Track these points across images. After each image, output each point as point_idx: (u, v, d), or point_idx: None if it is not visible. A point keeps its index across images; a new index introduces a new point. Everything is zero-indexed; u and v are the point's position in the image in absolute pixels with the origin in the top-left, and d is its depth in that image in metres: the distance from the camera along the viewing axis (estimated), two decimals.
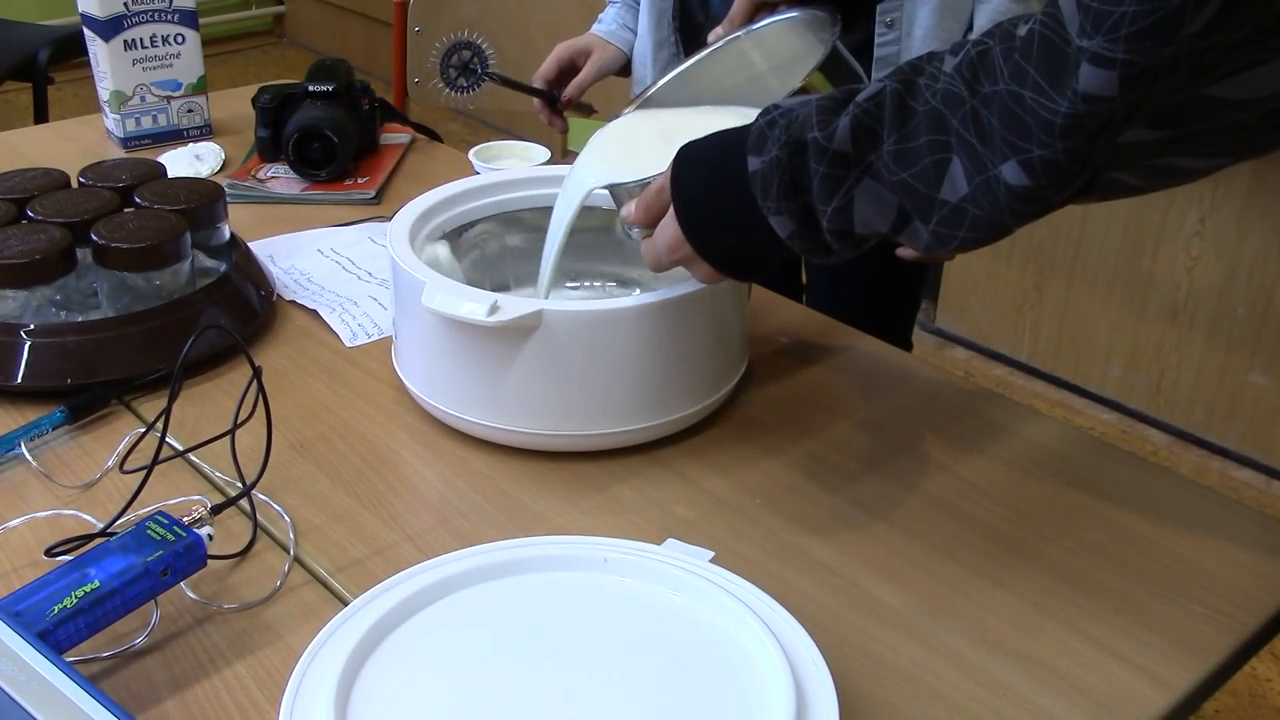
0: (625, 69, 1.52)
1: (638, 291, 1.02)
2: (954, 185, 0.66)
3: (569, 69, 1.51)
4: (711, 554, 0.74)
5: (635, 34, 1.50)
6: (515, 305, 0.81)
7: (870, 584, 0.76)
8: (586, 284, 1.05)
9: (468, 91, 1.38)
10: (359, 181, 1.34)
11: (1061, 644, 0.72)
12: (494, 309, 0.80)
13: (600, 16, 1.56)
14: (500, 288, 1.00)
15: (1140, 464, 0.90)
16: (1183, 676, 0.70)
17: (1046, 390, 2.54)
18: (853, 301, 1.47)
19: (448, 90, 1.33)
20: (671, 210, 0.78)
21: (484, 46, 1.40)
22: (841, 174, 0.70)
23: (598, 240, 1.03)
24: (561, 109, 1.52)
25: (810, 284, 1.53)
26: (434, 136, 1.51)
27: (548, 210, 1.02)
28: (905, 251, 1.01)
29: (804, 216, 0.73)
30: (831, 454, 0.89)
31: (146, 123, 1.43)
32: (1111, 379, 2.45)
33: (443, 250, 0.97)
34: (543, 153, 1.32)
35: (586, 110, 1.55)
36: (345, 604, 0.72)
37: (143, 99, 1.42)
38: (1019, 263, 2.54)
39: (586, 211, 0.90)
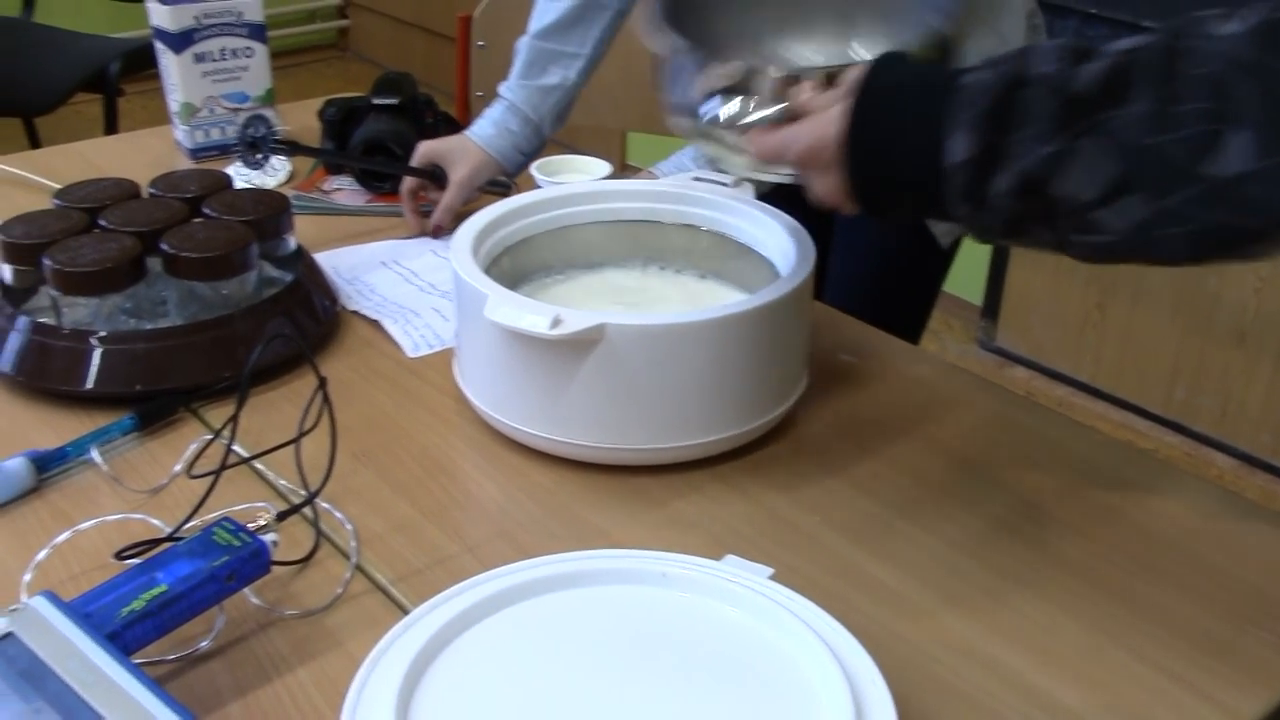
0: (498, 180, 1.32)
1: (717, 287, 1.02)
2: (1226, 160, 0.59)
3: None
4: (771, 571, 0.74)
5: (520, 141, 1.30)
6: (577, 319, 0.81)
7: (931, 604, 0.76)
8: (660, 267, 1.05)
9: (264, 164, 1.26)
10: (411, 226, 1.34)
11: (1127, 669, 0.71)
12: (556, 322, 0.81)
13: (483, 113, 1.33)
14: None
15: (1207, 488, 0.88)
16: (1252, 705, 0.68)
17: (1109, 411, 2.51)
18: (867, 298, 1.41)
19: (248, 169, 1.25)
20: (837, 102, 0.73)
21: (270, 118, 1.32)
22: (1070, 120, 0.63)
23: (687, 234, 1.04)
24: (434, 232, 1.27)
25: (829, 279, 1.51)
26: None
27: (607, 225, 1.03)
28: None
29: (988, 153, 0.66)
30: (892, 473, 0.89)
31: (215, 134, 1.45)
32: (1176, 401, 2.41)
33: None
34: (604, 167, 1.32)
35: (503, 187, 1.34)
36: (406, 613, 0.72)
37: (211, 111, 1.44)
38: (1081, 282, 2.51)
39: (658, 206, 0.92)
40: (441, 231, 1.26)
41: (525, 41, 1.32)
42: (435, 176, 1.27)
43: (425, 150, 1.27)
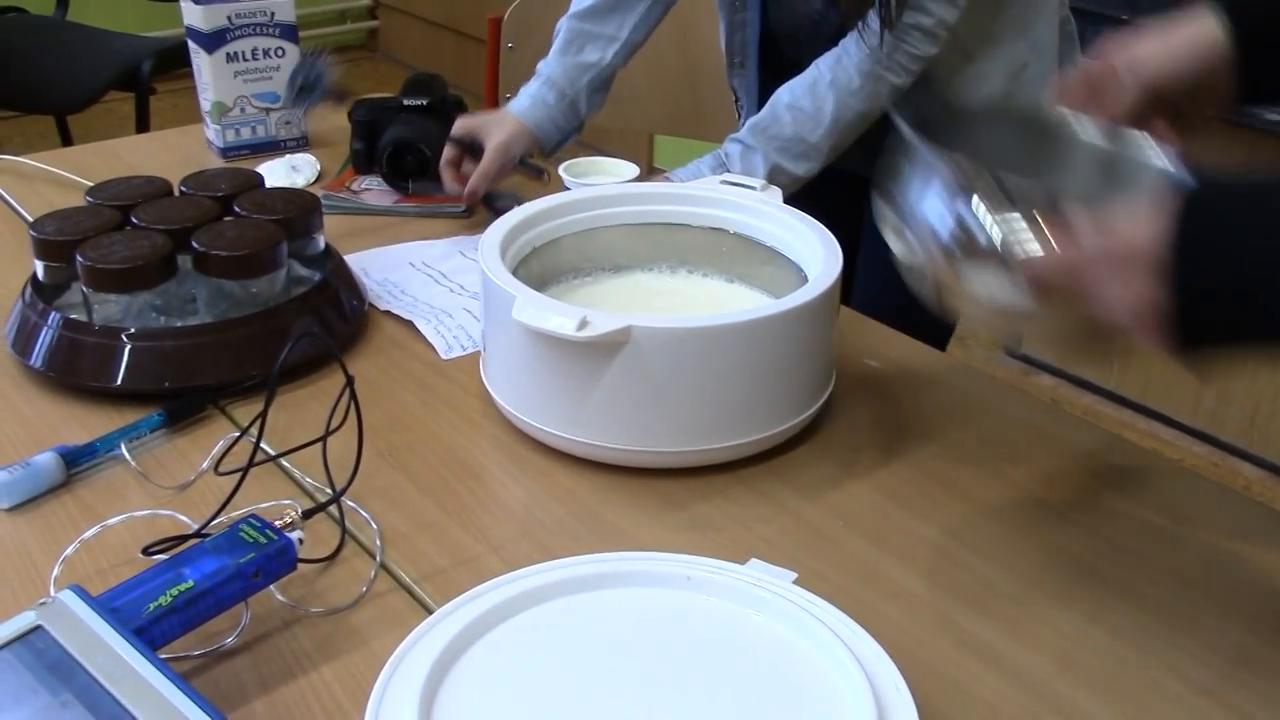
0: (531, 153, 1.34)
1: (744, 291, 1.02)
2: None
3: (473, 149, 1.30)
4: (795, 575, 0.74)
5: (556, 115, 1.34)
6: (604, 321, 0.81)
7: (955, 611, 0.75)
8: (687, 270, 1.05)
9: (312, 106, 1.30)
10: (451, 195, 1.35)
11: (1154, 681, 0.70)
12: (583, 323, 0.81)
13: (520, 89, 1.37)
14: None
15: (1235, 497, 0.88)
16: None
17: (1135, 420, 2.49)
18: (894, 303, 1.43)
19: (301, 110, 1.27)
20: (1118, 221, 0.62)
21: (323, 65, 1.35)
22: None
23: (715, 237, 1.04)
24: (471, 206, 1.31)
25: (855, 283, 1.50)
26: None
27: (635, 228, 1.03)
28: None
29: None
30: (917, 478, 0.88)
31: (245, 133, 1.46)
32: (1204, 411, 2.40)
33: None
34: (631, 169, 1.32)
35: (536, 171, 1.37)
36: (430, 612, 0.72)
37: (242, 110, 1.45)
38: None
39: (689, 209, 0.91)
40: (475, 197, 1.28)
41: (564, 21, 1.36)
42: (472, 149, 1.28)
43: (462, 124, 1.30)
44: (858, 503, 0.86)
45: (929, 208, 0.69)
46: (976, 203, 0.66)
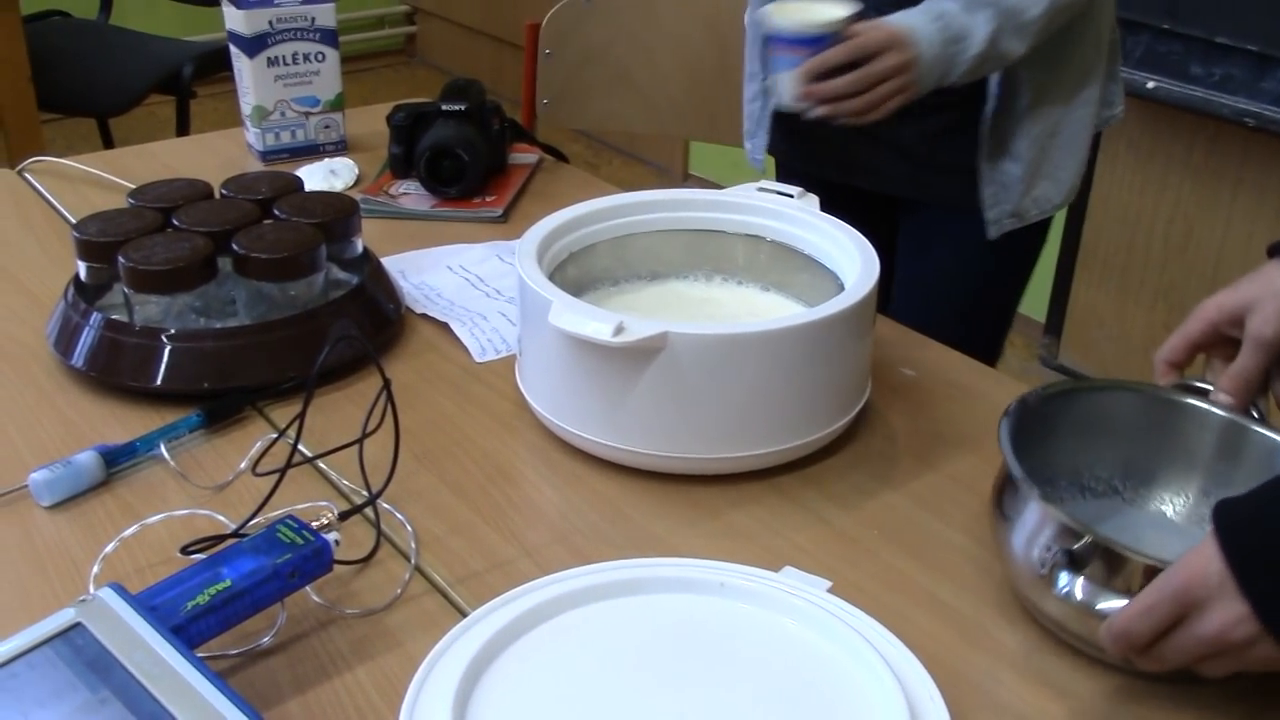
0: None
1: (780, 298, 1.02)
2: None
3: None
4: (829, 584, 0.74)
5: None
6: (640, 327, 0.81)
7: (990, 622, 0.75)
8: (723, 278, 1.05)
9: None
10: (487, 200, 1.36)
11: (1193, 699, 0.69)
12: (619, 329, 0.81)
13: None
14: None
15: None
16: None
17: None
18: (943, 320, 1.35)
19: None
20: (1239, 592, 0.62)
21: None
22: None
23: (751, 244, 1.04)
24: None
25: (899, 299, 1.50)
26: (561, 157, 1.53)
27: (672, 234, 1.03)
28: None
29: None
30: (952, 488, 0.88)
31: (285, 137, 1.47)
32: None
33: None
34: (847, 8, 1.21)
35: None
36: (464, 615, 0.73)
37: (283, 114, 1.46)
38: (1148, 300, 2.48)
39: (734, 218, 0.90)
40: None
41: None
42: None
43: None
44: (892, 512, 0.85)
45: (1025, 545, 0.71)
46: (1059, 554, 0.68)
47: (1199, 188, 2.33)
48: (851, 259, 0.93)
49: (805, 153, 1.47)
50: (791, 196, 1.02)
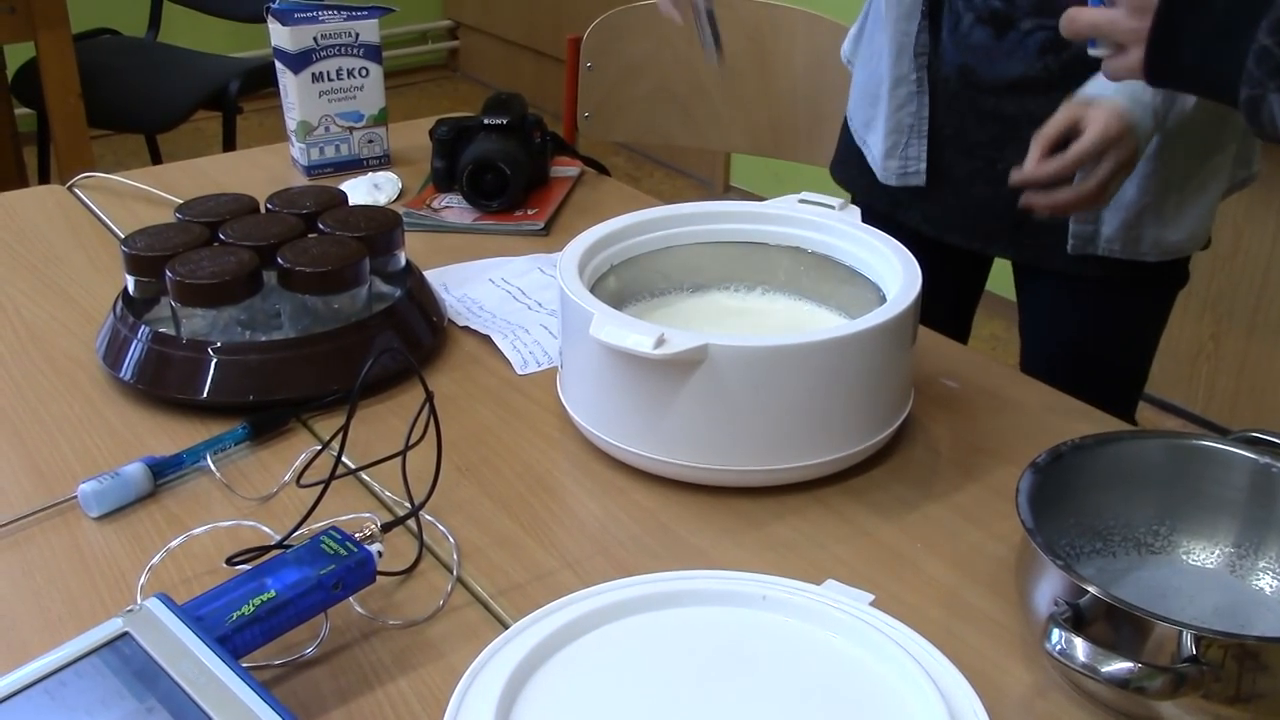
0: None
1: (822, 310, 1.02)
2: None
3: None
4: (872, 597, 0.73)
5: None
6: (681, 339, 0.81)
7: (1037, 637, 0.74)
8: (765, 290, 1.05)
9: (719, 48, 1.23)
10: (529, 213, 1.36)
11: None
12: (660, 341, 0.81)
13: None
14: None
15: None
16: None
17: None
18: (1067, 375, 1.21)
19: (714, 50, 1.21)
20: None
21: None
22: None
23: (793, 256, 1.04)
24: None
25: (1025, 350, 1.39)
26: (602, 170, 1.53)
27: (713, 246, 1.03)
28: None
29: None
30: (996, 500, 0.87)
31: (329, 152, 1.49)
32: None
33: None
34: None
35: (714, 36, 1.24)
36: (506, 627, 0.73)
37: (327, 129, 1.48)
38: (1195, 311, 2.45)
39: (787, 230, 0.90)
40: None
41: None
42: None
43: None
44: (935, 524, 0.85)
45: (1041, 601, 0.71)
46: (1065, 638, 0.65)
47: (1246, 196, 2.30)
48: (893, 270, 0.92)
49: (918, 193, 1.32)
50: (833, 208, 1.02)
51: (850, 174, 1.41)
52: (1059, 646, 0.64)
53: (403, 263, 1.11)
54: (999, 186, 1.13)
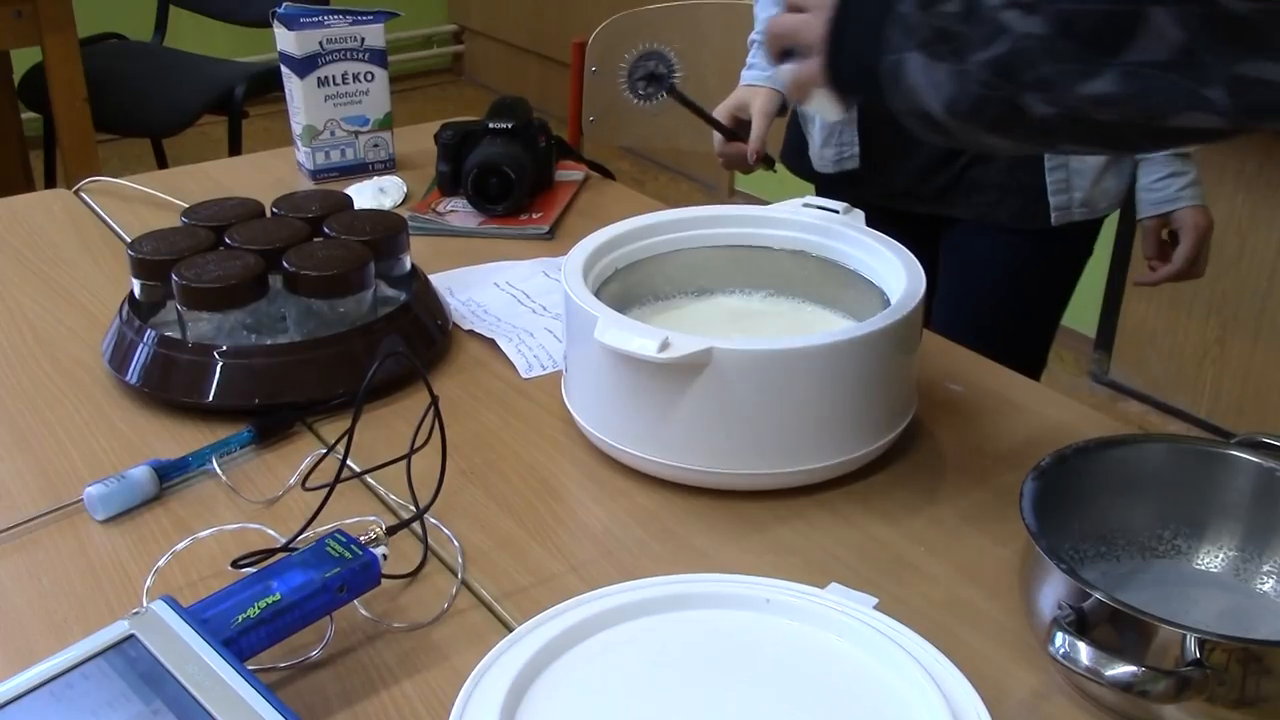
0: (783, 110, 1.50)
1: (826, 314, 1.02)
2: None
3: (737, 126, 1.49)
4: (875, 600, 0.73)
5: None
6: (685, 342, 0.82)
7: (1041, 641, 0.74)
8: (769, 293, 1.05)
9: (651, 100, 1.32)
10: (534, 217, 1.37)
11: None
12: (665, 345, 0.81)
13: (749, 62, 1.52)
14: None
15: None
16: None
17: None
18: (985, 317, 1.48)
19: (631, 97, 1.28)
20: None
21: (672, 59, 1.35)
22: None
23: (797, 260, 1.04)
24: (752, 167, 1.49)
25: (941, 295, 1.51)
26: (607, 174, 1.53)
27: (717, 250, 1.03)
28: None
29: None
30: (999, 504, 0.87)
31: (335, 156, 1.49)
32: None
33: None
34: None
35: (769, 164, 1.51)
36: (510, 630, 0.73)
37: (332, 134, 1.48)
38: (1200, 315, 2.45)
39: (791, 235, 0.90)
40: (759, 156, 1.44)
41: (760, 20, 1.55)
42: (734, 135, 1.46)
43: (723, 109, 1.47)
44: (939, 528, 0.85)
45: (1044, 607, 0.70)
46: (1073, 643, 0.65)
47: (1252, 199, 2.30)
48: (897, 274, 0.93)
49: (853, 177, 1.48)
50: (837, 212, 1.02)
51: (799, 162, 1.56)
52: (1063, 650, 0.64)
53: (408, 267, 1.12)
54: (934, 154, 1.41)
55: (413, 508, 0.81)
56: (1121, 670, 0.62)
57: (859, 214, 1.02)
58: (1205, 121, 0.59)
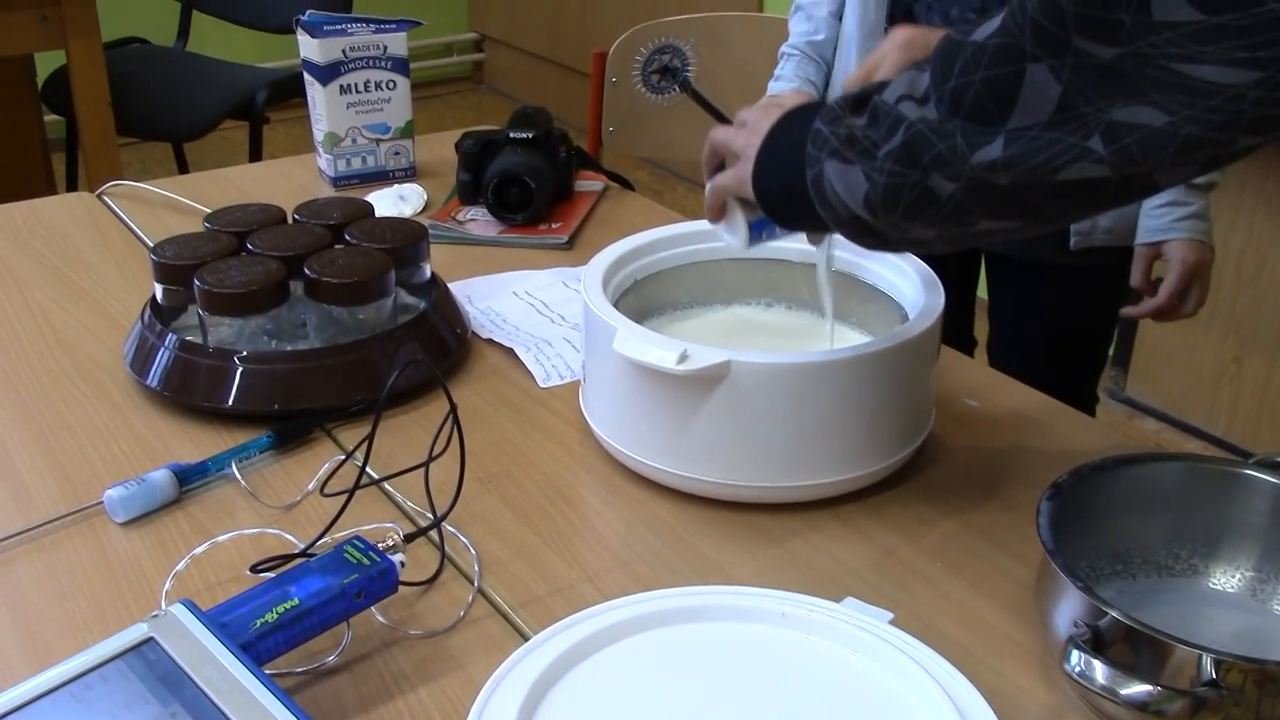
0: None
1: (844, 328, 1.02)
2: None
3: None
4: (891, 615, 0.73)
5: (816, 87, 1.49)
6: (704, 355, 0.82)
7: (1056, 659, 0.74)
8: (787, 306, 1.05)
9: (664, 94, 1.31)
10: (553, 226, 1.37)
11: None
12: (683, 357, 0.82)
13: (776, 74, 1.53)
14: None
15: None
16: None
17: None
18: (1036, 358, 1.47)
19: (645, 91, 1.28)
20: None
21: (688, 53, 1.35)
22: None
23: (806, 270, 1.04)
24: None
25: (993, 338, 1.51)
26: (626, 185, 1.54)
27: (737, 262, 1.03)
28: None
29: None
30: (1015, 520, 0.87)
31: (356, 163, 1.50)
32: None
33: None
34: None
35: None
36: (526, 639, 0.73)
37: (354, 141, 1.49)
38: (1218, 333, 2.44)
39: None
40: None
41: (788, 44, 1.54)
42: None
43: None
44: (956, 543, 0.85)
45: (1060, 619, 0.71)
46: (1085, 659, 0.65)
47: (1273, 218, 2.29)
48: (915, 289, 0.93)
49: None
50: None
51: None
52: (1078, 668, 0.64)
53: (428, 275, 1.12)
54: None
55: (430, 515, 0.81)
56: (1137, 689, 0.62)
57: None
58: (1093, 171, 0.61)
